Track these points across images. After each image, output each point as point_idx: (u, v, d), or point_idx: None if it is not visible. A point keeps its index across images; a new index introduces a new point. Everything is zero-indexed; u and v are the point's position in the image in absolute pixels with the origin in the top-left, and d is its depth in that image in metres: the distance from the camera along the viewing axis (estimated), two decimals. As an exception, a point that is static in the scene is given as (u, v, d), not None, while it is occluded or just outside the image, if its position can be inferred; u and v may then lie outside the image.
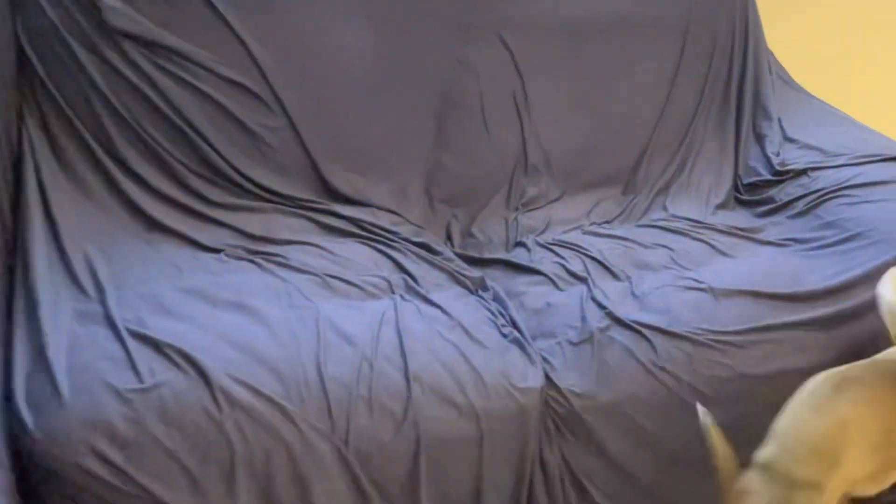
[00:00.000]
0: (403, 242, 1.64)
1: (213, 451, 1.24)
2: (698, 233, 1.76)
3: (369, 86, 1.77)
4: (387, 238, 1.64)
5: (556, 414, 1.40)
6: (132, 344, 1.28)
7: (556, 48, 1.90)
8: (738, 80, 2.05)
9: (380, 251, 1.60)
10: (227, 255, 1.54)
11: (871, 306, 1.52)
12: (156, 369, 1.26)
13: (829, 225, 1.69)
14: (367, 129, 1.78)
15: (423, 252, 1.63)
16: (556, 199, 1.87)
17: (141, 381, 1.24)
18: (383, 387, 1.31)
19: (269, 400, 1.26)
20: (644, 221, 1.84)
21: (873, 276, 1.53)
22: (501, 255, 1.71)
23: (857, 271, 1.54)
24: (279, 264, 1.51)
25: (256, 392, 1.26)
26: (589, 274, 1.60)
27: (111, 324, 1.32)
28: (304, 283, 1.46)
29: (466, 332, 1.41)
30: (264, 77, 1.69)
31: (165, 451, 1.22)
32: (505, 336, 1.44)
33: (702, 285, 1.56)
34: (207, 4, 1.67)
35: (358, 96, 1.77)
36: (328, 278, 1.48)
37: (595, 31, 1.92)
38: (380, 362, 1.33)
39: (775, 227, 1.78)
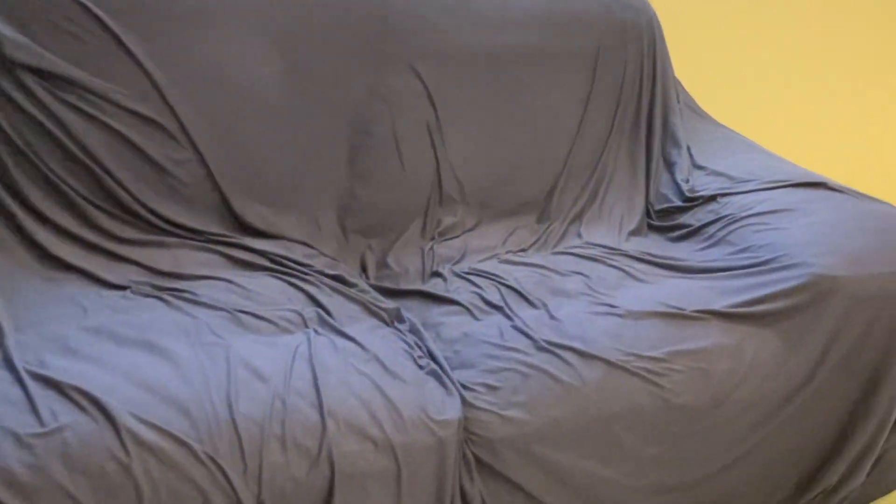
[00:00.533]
0: (317, 275, 1.61)
1: (119, 495, 1.18)
2: (612, 259, 1.78)
3: (280, 116, 1.75)
4: (300, 271, 1.61)
5: (476, 445, 1.38)
6: (33, 386, 1.22)
7: (469, 78, 1.90)
8: (648, 109, 2.09)
9: (292, 285, 1.57)
10: (133, 292, 1.49)
11: (778, 327, 1.56)
12: (58, 412, 1.20)
13: (739, 250, 1.73)
14: (277, 160, 1.75)
15: (337, 284, 1.60)
16: (472, 229, 1.87)
17: (42, 424, 1.18)
18: (297, 423, 1.27)
19: (178, 440, 1.21)
20: (559, 249, 1.85)
21: (780, 298, 1.57)
22: (417, 285, 1.69)
23: (766, 291, 1.58)
24: (188, 300, 1.47)
25: (164, 432, 1.21)
26: (506, 302, 1.60)
27: (10, 366, 1.26)
28: (213, 319, 1.42)
29: (382, 364, 1.38)
30: (171, 109, 1.66)
31: (69, 498, 1.16)
32: (422, 368, 1.42)
33: (616, 310, 1.57)
34: (111, 36, 1.63)
35: (268, 127, 1.74)
36: (239, 314, 1.45)
37: (507, 62, 1.93)
38: (293, 398, 1.29)
39: (687, 253, 1.81)
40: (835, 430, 1.66)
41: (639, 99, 2.08)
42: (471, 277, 1.68)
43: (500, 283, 1.66)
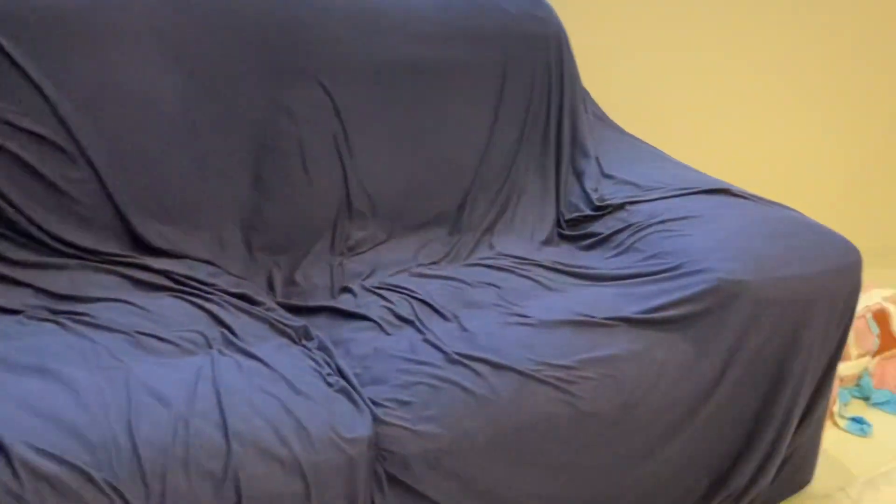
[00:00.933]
0: (221, 294, 1.57)
1: (12, 528, 1.14)
2: (524, 269, 1.78)
3: (180, 132, 1.71)
4: (203, 291, 1.57)
5: (388, 462, 1.36)
6: None
7: (376, 91, 1.88)
8: (556, 119, 2.10)
9: (196, 305, 1.53)
10: (27, 316, 1.43)
11: (685, 332, 1.58)
12: None
13: (648, 257, 1.74)
14: (179, 177, 1.70)
15: (242, 303, 1.57)
16: (383, 242, 1.85)
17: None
18: (201, 446, 1.23)
19: (76, 468, 1.16)
20: (471, 260, 1.84)
21: (688, 303, 1.58)
22: (326, 302, 1.66)
23: (674, 297, 1.59)
24: (86, 324, 1.41)
25: (61, 461, 1.16)
26: (417, 316, 1.58)
27: None
28: (112, 342, 1.37)
29: (289, 383, 1.35)
30: (66, 127, 1.60)
31: (-41, 535, 1.11)
32: (331, 385, 1.39)
33: (528, 320, 1.57)
34: (2, 53, 1.58)
35: (168, 143, 1.70)
36: (139, 336, 1.40)
37: (415, 74, 1.92)
38: (196, 421, 1.26)
39: (597, 261, 1.82)
40: (743, 431, 1.69)
41: (547, 109, 2.09)
42: (381, 292, 1.67)
43: (411, 296, 1.65)
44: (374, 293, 1.67)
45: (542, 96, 2.08)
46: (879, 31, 2.95)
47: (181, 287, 1.58)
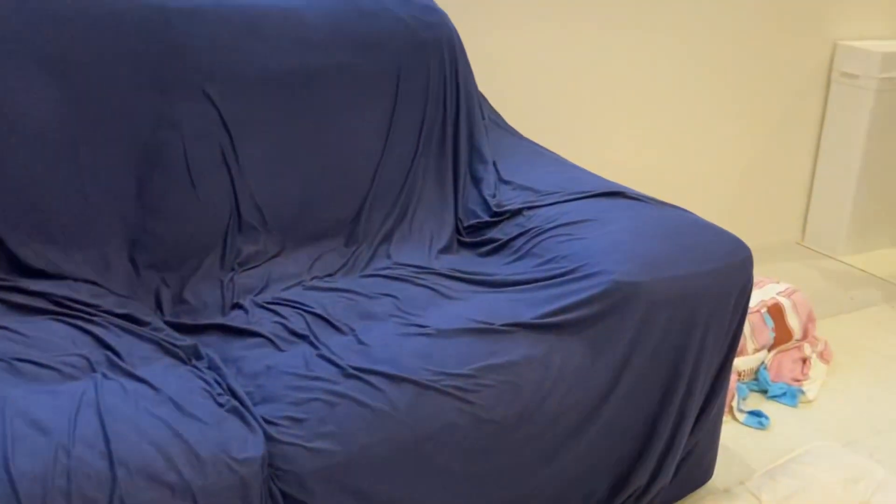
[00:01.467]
0: (105, 315, 1.51)
1: None
2: (422, 278, 1.77)
3: (60, 147, 1.64)
4: (86, 312, 1.51)
5: (283, 481, 1.33)
6: None
7: (265, 101, 1.84)
8: (453, 125, 2.09)
9: (78, 327, 1.47)
10: None
11: (583, 335, 1.59)
12: None
13: (545, 262, 1.75)
14: (58, 194, 1.64)
15: (127, 324, 1.51)
16: (276, 256, 1.81)
17: None
18: (83, 475, 1.18)
19: (-54, 507, 1.11)
20: (368, 271, 1.82)
21: (584, 306, 1.59)
22: (217, 319, 1.62)
23: (570, 301, 1.60)
24: (-43, 352, 1.35)
25: (-70, 501, 1.11)
26: (311, 331, 1.55)
27: None
28: (-14, 370, 1.31)
29: (177, 405, 1.31)
30: (-67, 145, 1.53)
31: None
32: (221, 406, 1.34)
33: (426, 330, 1.55)
34: None
35: (47, 159, 1.63)
36: (16, 362, 1.33)
37: (305, 84, 1.88)
38: (79, 449, 1.20)
39: (496, 267, 1.82)
40: (642, 430, 1.70)
41: (443, 116, 2.08)
42: (274, 307, 1.63)
43: (305, 311, 1.61)
44: (267, 309, 1.63)
45: (437, 102, 2.07)
46: (765, 35, 3.04)
47: (62, 309, 1.51)
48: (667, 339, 1.66)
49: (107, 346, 1.44)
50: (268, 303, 1.65)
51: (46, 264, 1.59)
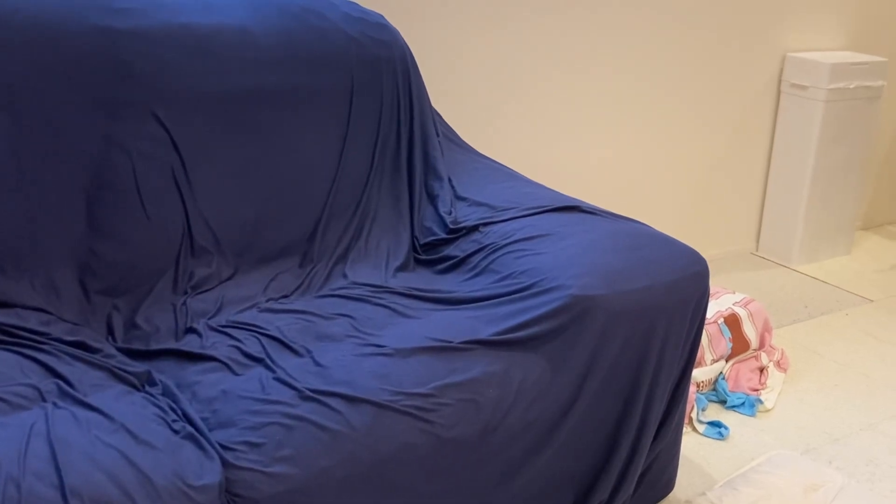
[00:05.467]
0: (55, 343, 1.48)
1: None
2: (379, 297, 1.75)
3: (5, 172, 1.60)
4: (34, 341, 1.47)
5: (242, 507, 1.31)
6: None
7: (215, 122, 1.81)
8: (408, 142, 2.09)
9: (27, 356, 1.43)
10: None
11: (542, 350, 1.58)
12: None
13: (502, 278, 1.74)
14: (4, 219, 1.60)
15: (78, 352, 1.47)
16: (229, 278, 1.78)
17: None
18: (34, 508, 1.15)
19: None
20: (324, 292, 1.80)
21: (542, 322, 1.59)
22: (170, 344, 1.58)
23: (529, 316, 1.59)
24: None
25: None
26: (267, 353, 1.53)
27: None
28: (-69, 403, 1.27)
29: (130, 433, 1.27)
30: None
31: None
32: (176, 432, 1.32)
33: (384, 349, 1.54)
34: None
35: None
36: (-38, 394, 1.30)
37: (256, 104, 1.86)
38: (29, 480, 1.17)
39: (453, 284, 1.81)
40: (602, 444, 1.70)
41: (398, 133, 2.08)
42: (229, 331, 1.60)
43: (260, 333, 1.59)
44: (221, 332, 1.60)
45: (391, 120, 2.06)
46: (715, 47, 3.08)
47: (10, 338, 1.47)
48: (626, 351, 1.66)
49: (57, 375, 1.40)
50: (222, 326, 1.62)
51: (-6, 293, 1.55)
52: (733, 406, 2.38)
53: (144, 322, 1.64)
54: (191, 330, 1.62)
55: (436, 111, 2.25)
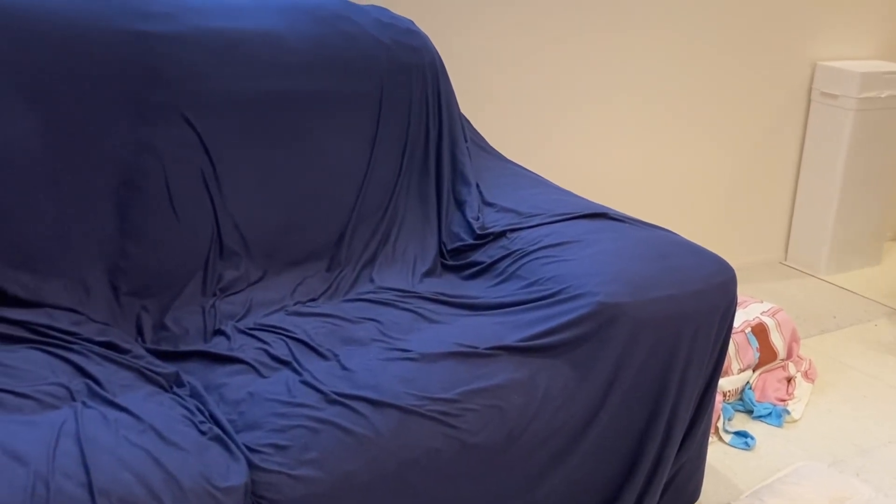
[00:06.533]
0: (85, 343, 1.49)
1: None
2: (405, 302, 1.76)
3: (39, 175, 1.62)
4: (65, 341, 1.49)
5: (267, 509, 1.31)
6: None
7: (246, 126, 1.83)
8: (436, 148, 2.09)
9: (57, 356, 1.44)
10: None
11: (567, 357, 1.58)
12: None
13: (529, 284, 1.74)
14: (37, 221, 1.62)
15: (108, 352, 1.49)
16: (258, 281, 1.80)
17: None
18: (62, 507, 1.17)
19: (-78, 543, 1.09)
20: (351, 296, 1.81)
21: (568, 329, 1.59)
22: (199, 346, 1.60)
23: (555, 323, 1.59)
24: (-68, 384, 1.33)
25: None
26: (294, 356, 1.54)
27: None
28: (-37, 402, 1.29)
29: (158, 434, 1.29)
30: None
31: None
32: (203, 434, 1.33)
33: (410, 354, 1.54)
34: None
35: (26, 187, 1.61)
36: (-6, 392, 1.32)
37: (286, 108, 1.88)
38: (58, 479, 1.18)
39: (480, 290, 1.81)
40: (628, 452, 1.70)
41: (426, 139, 2.08)
42: (256, 333, 1.61)
43: (288, 336, 1.60)
44: (249, 335, 1.61)
45: (419, 126, 2.07)
46: (746, 55, 3.06)
47: (41, 338, 1.49)
48: (652, 360, 1.65)
49: (87, 375, 1.42)
50: (250, 329, 1.63)
51: (26, 293, 1.57)
52: (760, 416, 2.36)
53: (173, 323, 1.66)
54: (219, 332, 1.64)
55: (464, 116, 2.26)
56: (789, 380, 2.50)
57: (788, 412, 2.37)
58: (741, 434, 2.26)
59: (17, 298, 1.56)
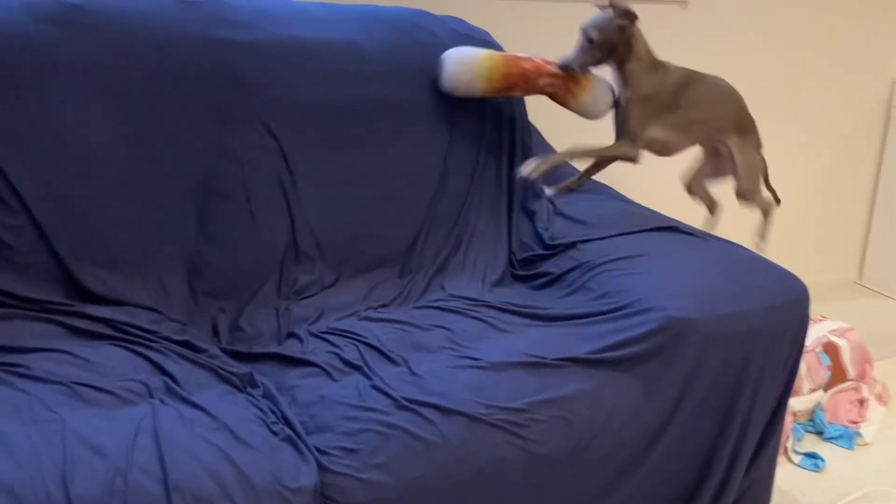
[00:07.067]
0: (163, 342, 1.54)
1: None
2: (475, 311, 1.77)
3: (122, 177, 1.68)
4: (145, 338, 1.53)
5: (336, 511, 1.33)
6: None
7: (322, 132, 1.87)
8: (508, 159, 2.10)
9: (137, 353, 1.49)
10: (-40, 369, 1.39)
11: (635, 371, 1.57)
12: None
13: (598, 296, 1.74)
14: (120, 222, 1.67)
15: (185, 351, 1.53)
16: (331, 286, 1.83)
17: None
18: (139, 500, 1.19)
19: (7, 529, 1.13)
20: (422, 303, 1.83)
21: (637, 342, 1.58)
22: (272, 348, 1.63)
23: (623, 336, 1.59)
24: (20, 375, 1.36)
25: (-8, 521, 1.13)
26: (365, 361, 1.56)
27: None
28: (48, 393, 1.33)
29: (232, 433, 1.32)
30: (1, 173, 1.57)
31: None
32: (276, 434, 1.36)
33: (479, 362, 1.55)
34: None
35: (109, 188, 1.66)
36: (77, 386, 1.36)
37: (362, 116, 1.91)
38: (135, 474, 1.21)
39: (549, 301, 1.81)
40: (694, 470, 1.68)
41: (498, 149, 2.10)
42: (328, 337, 1.64)
43: (359, 341, 1.62)
44: (321, 338, 1.64)
45: (491, 135, 2.08)
46: (823, 72, 3.01)
47: (122, 335, 1.54)
48: (721, 377, 1.64)
49: (164, 372, 1.46)
50: (322, 332, 1.66)
51: (108, 291, 1.62)
52: (830, 438, 2.32)
53: (248, 325, 1.69)
54: (292, 335, 1.67)
55: (535, 127, 2.26)
56: (862, 402, 2.45)
57: (860, 435, 2.32)
58: (811, 455, 2.22)
59: (100, 296, 1.61)
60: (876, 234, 3.32)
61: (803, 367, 2.35)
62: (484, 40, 2.15)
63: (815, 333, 2.46)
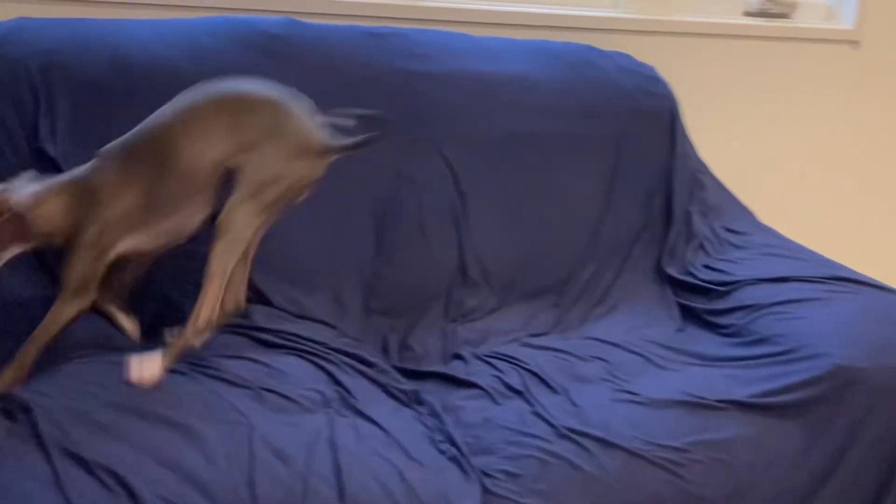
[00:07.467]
0: (337, 355, 1.61)
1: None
2: (634, 345, 1.78)
3: (308, 200, 1.77)
4: (322, 351, 1.61)
5: (497, 533, 1.37)
6: (61, 464, 1.21)
7: (494, 162, 1.94)
8: (670, 194, 2.11)
9: (315, 364, 1.57)
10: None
11: (799, 419, 1.55)
12: (85, 492, 1.18)
13: (761, 339, 1.72)
14: (305, 240, 1.77)
15: (357, 364, 1.60)
16: (494, 311, 1.88)
17: (69, 504, 1.18)
18: (318, 507, 1.27)
19: (200, 522, 1.21)
20: (580, 333, 1.85)
21: (802, 389, 1.56)
22: (438, 367, 1.69)
23: (787, 381, 1.57)
24: (215, 378, 1.46)
25: (188, 515, 1.21)
26: (526, 387, 1.60)
27: (40, 443, 1.24)
28: (238, 397, 1.41)
29: (403, 449, 1.38)
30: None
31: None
32: (442, 453, 1.41)
33: (637, 397, 1.57)
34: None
35: (296, 208, 1.76)
36: (263, 392, 1.44)
37: (532, 147, 1.98)
38: (314, 481, 1.29)
39: (711, 340, 1.81)
40: (856, 525, 1.64)
41: (665, 184, 2.11)
42: (492, 361, 1.69)
43: (520, 367, 1.66)
44: (485, 361, 1.69)
45: (658, 171, 2.10)
46: None
47: (301, 346, 1.62)
48: (889, 430, 1.60)
49: (339, 384, 1.53)
50: (486, 356, 1.71)
51: (290, 304, 1.72)
52: None
53: (416, 344, 1.76)
54: (457, 356, 1.72)
55: (703, 162, 2.25)
56: None
57: None
58: (975, 518, 2.12)
59: (283, 310, 1.71)
60: None
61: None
62: (650, 76, 2.17)
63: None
